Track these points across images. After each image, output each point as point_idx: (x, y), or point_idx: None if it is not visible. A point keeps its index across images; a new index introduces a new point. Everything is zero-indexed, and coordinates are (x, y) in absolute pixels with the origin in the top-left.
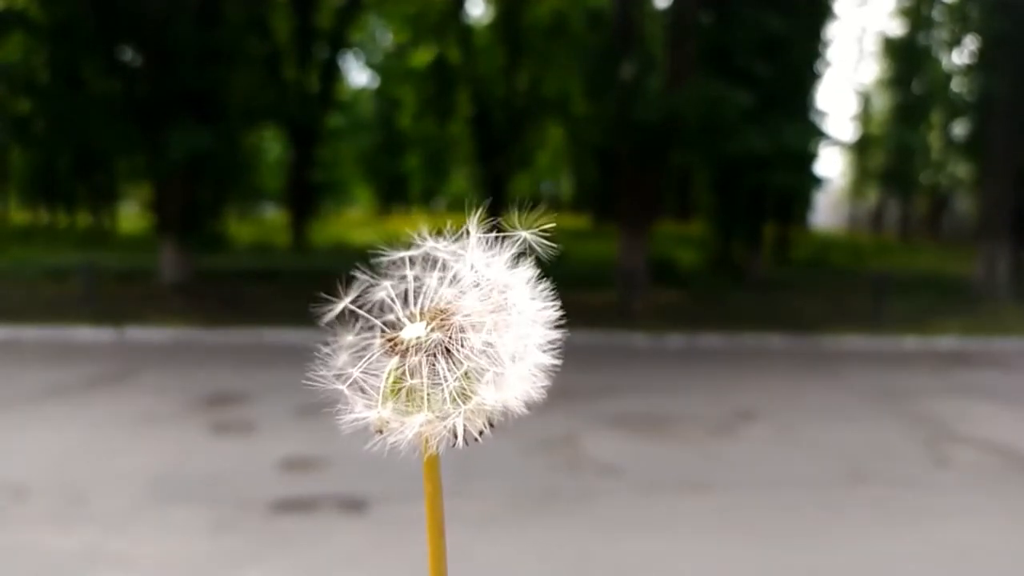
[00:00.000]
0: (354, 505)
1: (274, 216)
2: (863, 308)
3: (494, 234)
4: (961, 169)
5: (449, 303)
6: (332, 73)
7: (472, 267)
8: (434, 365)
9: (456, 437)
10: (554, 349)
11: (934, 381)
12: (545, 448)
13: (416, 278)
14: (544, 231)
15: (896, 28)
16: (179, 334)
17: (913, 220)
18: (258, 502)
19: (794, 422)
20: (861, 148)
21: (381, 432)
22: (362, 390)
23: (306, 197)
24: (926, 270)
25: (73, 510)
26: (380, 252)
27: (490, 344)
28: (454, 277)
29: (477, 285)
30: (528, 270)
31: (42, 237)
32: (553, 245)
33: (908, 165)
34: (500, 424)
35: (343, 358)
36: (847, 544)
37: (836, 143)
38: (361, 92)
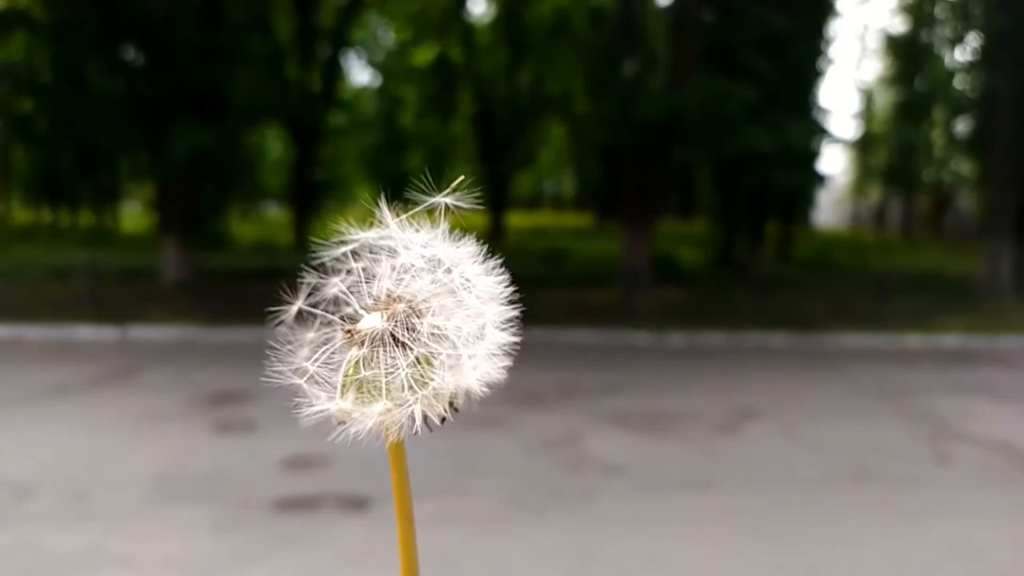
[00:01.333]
0: (356, 504)
1: (276, 215)
2: (866, 306)
3: (410, 210)
4: (964, 167)
5: (398, 290)
6: (334, 72)
7: (409, 249)
8: (388, 353)
9: (417, 423)
10: (513, 326)
11: (937, 379)
12: (547, 446)
13: (364, 269)
14: (457, 190)
15: (898, 25)
16: (182, 333)
17: (916, 218)
18: (260, 501)
19: (797, 420)
20: (864, 146)
21: (344, 423)
22: (322, 383)
23: (308, 196)
24: (929, 268)
25: (76, 509)
26: (319, 250)
27: (438, 327)
28: (401, 264)
29: (423, 268)
30: (471, 244)
31: (45, 236)
32: (475, 204)
33: (911, 163)
34: (462, 409)
35: (304, 354)
36: (850, 542)
37: (838, 141)
38: (363, 90)
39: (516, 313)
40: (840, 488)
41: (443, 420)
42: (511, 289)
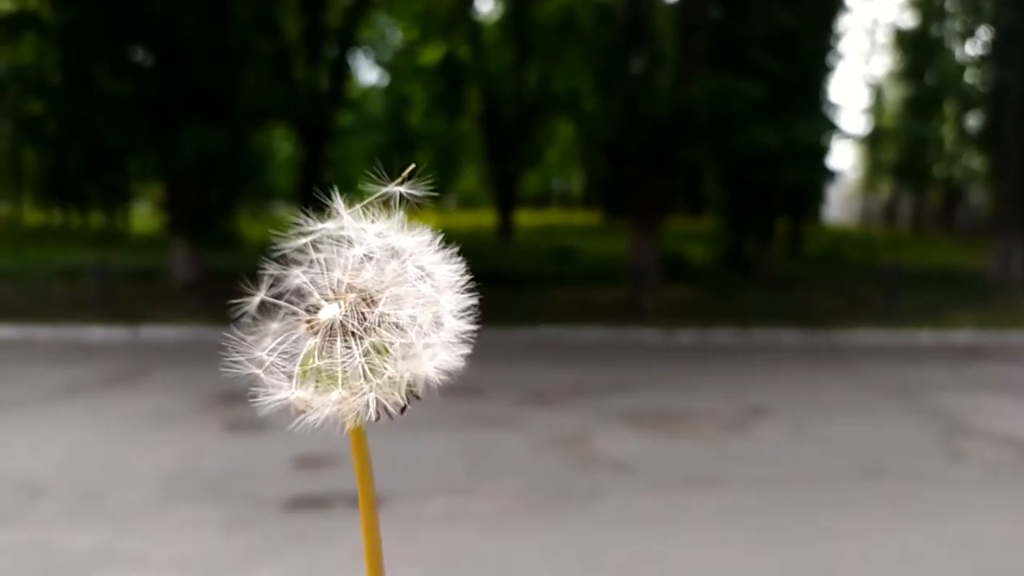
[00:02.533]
0: None
1: (285, 214)
2: (876, 302)
3: (365, 201)
4: (975, 161)
5: (349, 280)
6: (342, 71)
7: (363, 238)
8: (340, 343)
9: (375, 411)
10: (471, 314)
11: (948, 375)
12: (556, 445)
13: (326, 260)
14: (411, 180)
15: (908, 20)
16: (191, 332)
17: (926, 213)
18: (272, 499)
19: (807, 418)
20: (873, 141)
21: (303, 412)
22: (284, 373)
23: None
24: (940, 264)
25: (87, 508)
26: (279, 242)
27: (389, 316)
28: (355, 254)
29: (377, 257)
30: (424, 233)
31: (55, 237)
32: (430, 193)
33: (921, 158)
34: (425, 396)
35: (265, 344)
36: (861, 540)
37: (848, 136)
38: (370, 90)
39: (474, 301)
40: (851, 485)
41: (403, 409)
42: (468, 277)
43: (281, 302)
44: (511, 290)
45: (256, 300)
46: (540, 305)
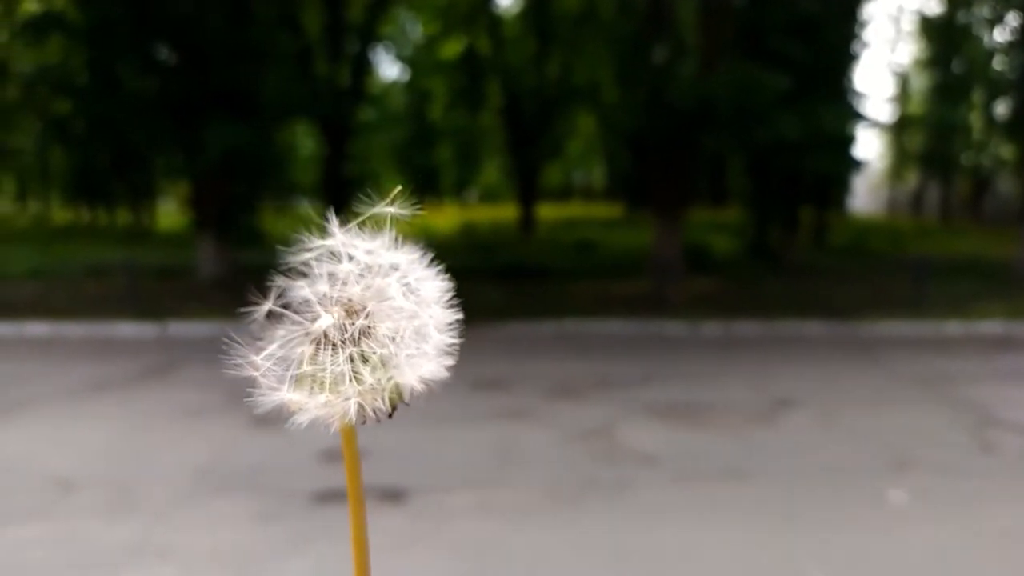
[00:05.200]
0: (394, 495)
1: (309, 210)
2: (903, 293)
3: (360, 219)
4: (1004, 149)
5: (337, 294)
6: (363, 67)
7: (354, 256)
8: (328, 351)
9: (356, 415)
10: (454, 329)
11: (978, 366)
12: (582, 438)
13: (331, 274)
14: (402, 201)
15: (934, 7)
16: (219, 328)
17: (954, 203)
18: (300, 493)
19: (834, 409)
20: (900, 129)
21: (295, 412)
22: (281, 376)
23: (340, 191)
24: (968, 254)
25: (119, 502)
26: (289, 252)
27: (370, 327)
28: (348, 270)
29: (366, 273)
30: (414, 250)
31: (83, 235)
32: (419, 212)
33: (948, 146)
34: (413, 402)
35: (267, 349)
36: (891, 532)
37: (874, 125)
38: (392, 85)
39: (459, 316)
40: (880, 477)
41: (391, 414)
42: (453, 293)
43: (286, 312)
44: (534, 284)
45: (264, 309)
46: (563, 298)
